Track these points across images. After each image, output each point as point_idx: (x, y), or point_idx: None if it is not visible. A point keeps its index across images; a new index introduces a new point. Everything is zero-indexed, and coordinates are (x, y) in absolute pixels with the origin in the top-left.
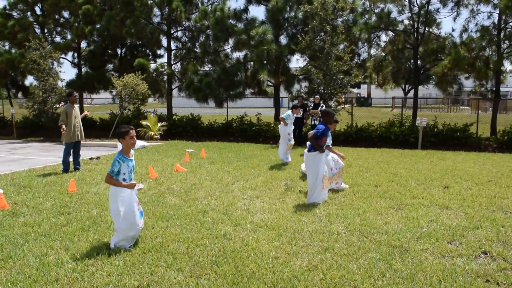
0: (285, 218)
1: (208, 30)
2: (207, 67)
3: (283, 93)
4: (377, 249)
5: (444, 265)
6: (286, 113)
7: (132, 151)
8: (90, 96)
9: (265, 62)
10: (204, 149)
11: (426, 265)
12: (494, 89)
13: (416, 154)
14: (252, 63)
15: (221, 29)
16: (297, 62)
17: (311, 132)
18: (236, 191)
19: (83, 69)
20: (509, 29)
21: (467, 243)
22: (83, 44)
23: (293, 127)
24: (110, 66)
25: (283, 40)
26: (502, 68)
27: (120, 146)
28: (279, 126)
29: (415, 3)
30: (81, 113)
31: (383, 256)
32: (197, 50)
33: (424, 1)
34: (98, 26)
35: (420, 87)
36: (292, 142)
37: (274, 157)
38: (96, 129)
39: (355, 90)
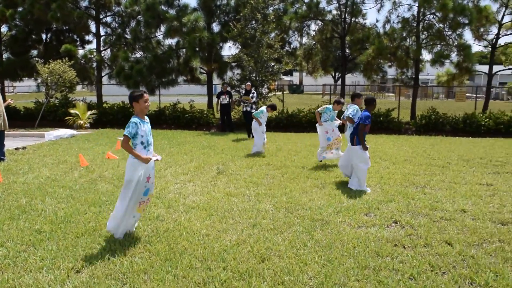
0: (216, 199)
1: (139, 16)
2: (138, 54)
3: (216, 80)
4: (300, 223)
5: (359, 234)
6: (260, 109)
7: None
8: (12, 84)
9: (197, 49)
10: None
11: (344, 234)
12: (414, 76)
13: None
14: (184, 50)
15: (152, 15)
16: (229, 49)
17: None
18: (169, 176)
19: (4, 56)
20: (427, 21)
21: (380, 214)
22: (4, 29)
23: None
24: (35, 52)
25: (216, 27)
26: (420, 57)
27: (48, 135)
28: (253, 122)
29: None
30: (4, 102)
31: (306, 228)
32: (128, 37)
33: None
34: (20, 9)
35: (348, 75)
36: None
37: (206, 143)
38: (20, 118)
39: (288, 78)
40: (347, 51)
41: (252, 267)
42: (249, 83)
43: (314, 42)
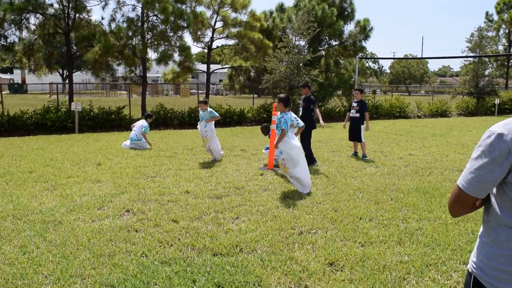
0: None
1: None
2: None
3: None
4: (31, 228)
5: (93, 227)
6: None
7: None
8: None
9: None
10: None
11: (78, 230)
12: (142, 74)
13: (73, 138)
14: None
15: None
16: None
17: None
18: None
19: None
20: (151, 22)
21: (114, 206)
22: None
23: None
24: None
25: None
26: (147, 56)
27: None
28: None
29: None
30: None
31: (38, 232)
32: None
33: None
34: None
35: (77, 73)
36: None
37: None
38: None
39: (7, 76)
40: (74, 48)
41: None
42: None
43: (35, 37)
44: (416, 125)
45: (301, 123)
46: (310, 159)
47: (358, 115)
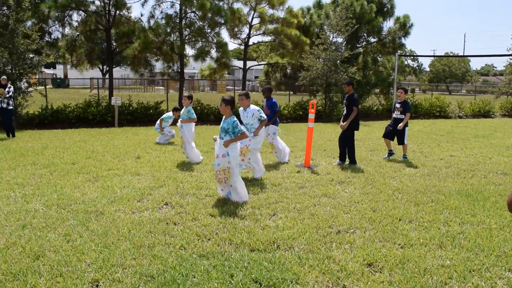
0: None
1: None
2: None
3: None
4: (74, 217)
5: (133, 219)
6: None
7: None
8: None
9: None
10: None
11: (119, 221)
12: (179, 70)
13: (113, 131)
14: None
15: None
16: None
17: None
18: None
19: None
20: (188, 18)
21: (153, 199)
22: None
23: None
24: None
25: None
26: (185, 53)
27: None
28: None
29: None
30: None
31: (81, 221)
32: None
33: None
34: None
35: (117, 68)
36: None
37: None
38: None
39: (51, 71)
40: (114, 44)
41: (26, 266)
42: (4, 76)
43: (77, 33)
44: (457, 125)
45: (264, 116)
46: (353, 160)
47: (402, 116)
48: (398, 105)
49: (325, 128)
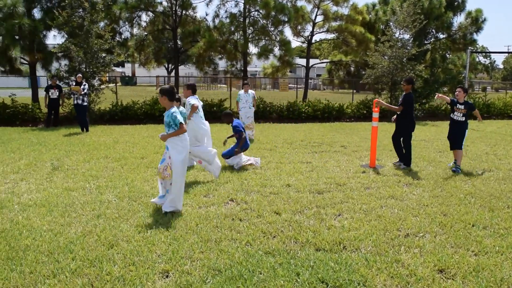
0: (55, 195)
1: None
2: None
3: (40, 72)
4: (145, 210)
5: (200, 214)
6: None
7: None
8: None
9: (17, 37)
10: None
11: (186, 215)
12: (242, 69)
13: None
14: (1, 38)
15: None
16: (54, 38)
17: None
18: None
19: None
20: (252, 17)
21: (218, 195)
22: None
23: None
24: None
25: (37, 14)
26: (248, 51)
27: None
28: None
29: None
30: None
31: (150, 214)
32: None
33: None
34: None
35: (181, 67)
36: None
37: (36, 139)
38: None
39: (120, 69)
40: (179, 43)
41: (101, 253)
42: (80, 74)
43: (145, 33)
44: None
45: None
46: (408, 162)
47: (464, 119)
48: (461, 106)
49: (390, 127)
